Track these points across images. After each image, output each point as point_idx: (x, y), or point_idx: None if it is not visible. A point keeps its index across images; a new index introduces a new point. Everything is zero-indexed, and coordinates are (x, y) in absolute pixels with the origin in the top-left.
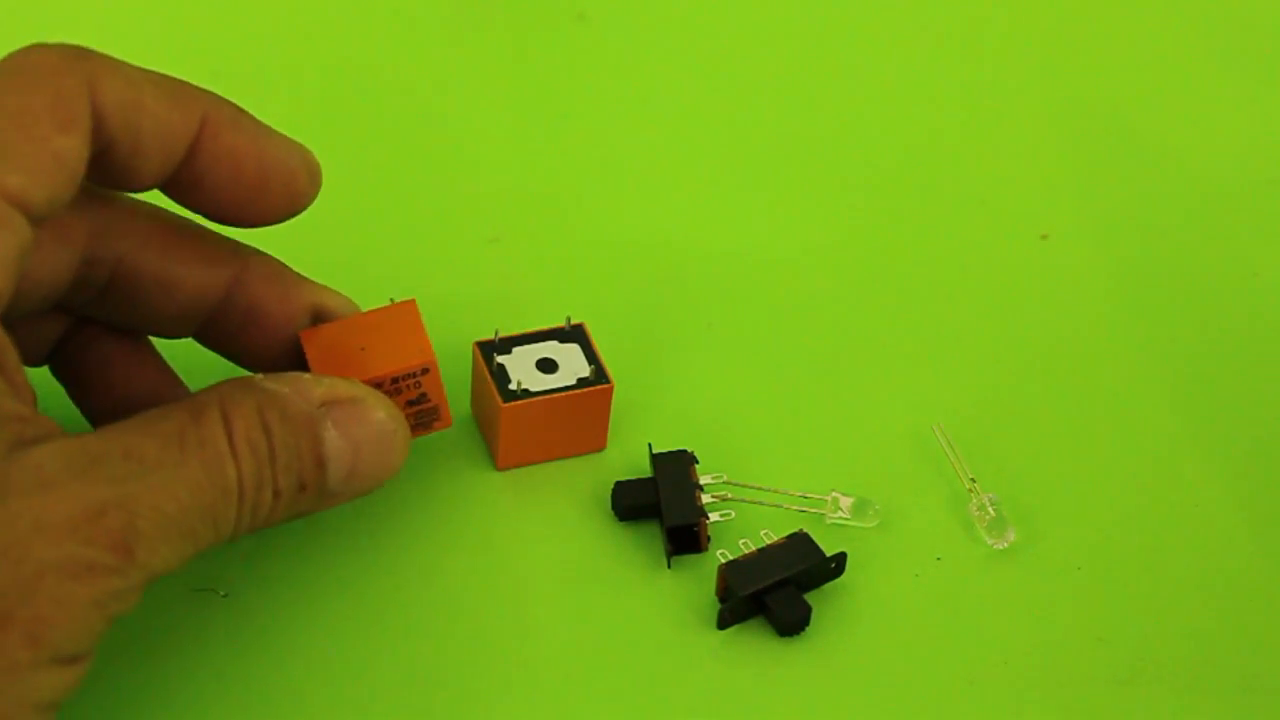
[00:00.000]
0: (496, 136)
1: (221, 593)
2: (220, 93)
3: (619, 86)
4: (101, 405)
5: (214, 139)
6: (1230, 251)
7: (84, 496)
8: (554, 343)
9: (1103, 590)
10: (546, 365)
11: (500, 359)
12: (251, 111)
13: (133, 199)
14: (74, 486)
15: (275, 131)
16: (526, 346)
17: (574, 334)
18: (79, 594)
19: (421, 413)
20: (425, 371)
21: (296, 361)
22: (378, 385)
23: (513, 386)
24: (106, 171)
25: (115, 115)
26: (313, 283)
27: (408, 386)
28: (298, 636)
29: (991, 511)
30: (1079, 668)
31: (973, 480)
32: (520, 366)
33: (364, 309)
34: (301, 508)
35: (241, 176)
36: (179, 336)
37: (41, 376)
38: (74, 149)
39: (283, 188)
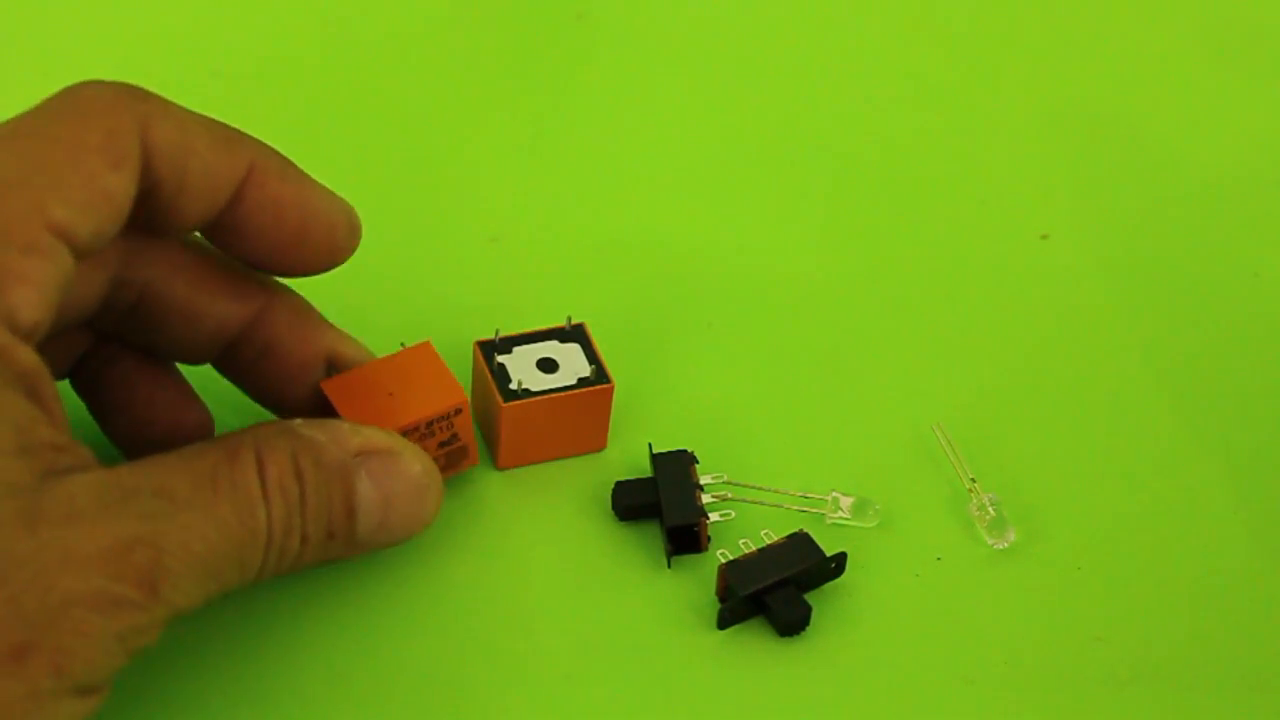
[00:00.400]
0: (496, 136)
1: None
2: (220, 91)
3: (619, 85)
4: (121, 421)
5: (259, 187)
6: (1230, 251)
7: (113, 531)
8: (554, 342)
9: (1103, 590)
10: (547, 365)
11: (501, 358)
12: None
13: None
14: (104, 520)
15: (319, 184)
16: (527, 346)
17: (574, 334)
18: (103, 627)
19: (452, 453)
20: (458, 412)
21: (310, 401)
22: (414, 429)
23: (513, 386)
24: (150, 211)
25: (164, 156)
26: (333, 327)
27: (440, 428)
28: (298, 636)
29: (991, 511)
30: (1079, 668)
31: (973, 480)
32: (521, 366)
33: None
34: (329, 555)
35: (283, 226)
36: (197, 363)
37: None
38: (122, 187)
39: (323, 240)
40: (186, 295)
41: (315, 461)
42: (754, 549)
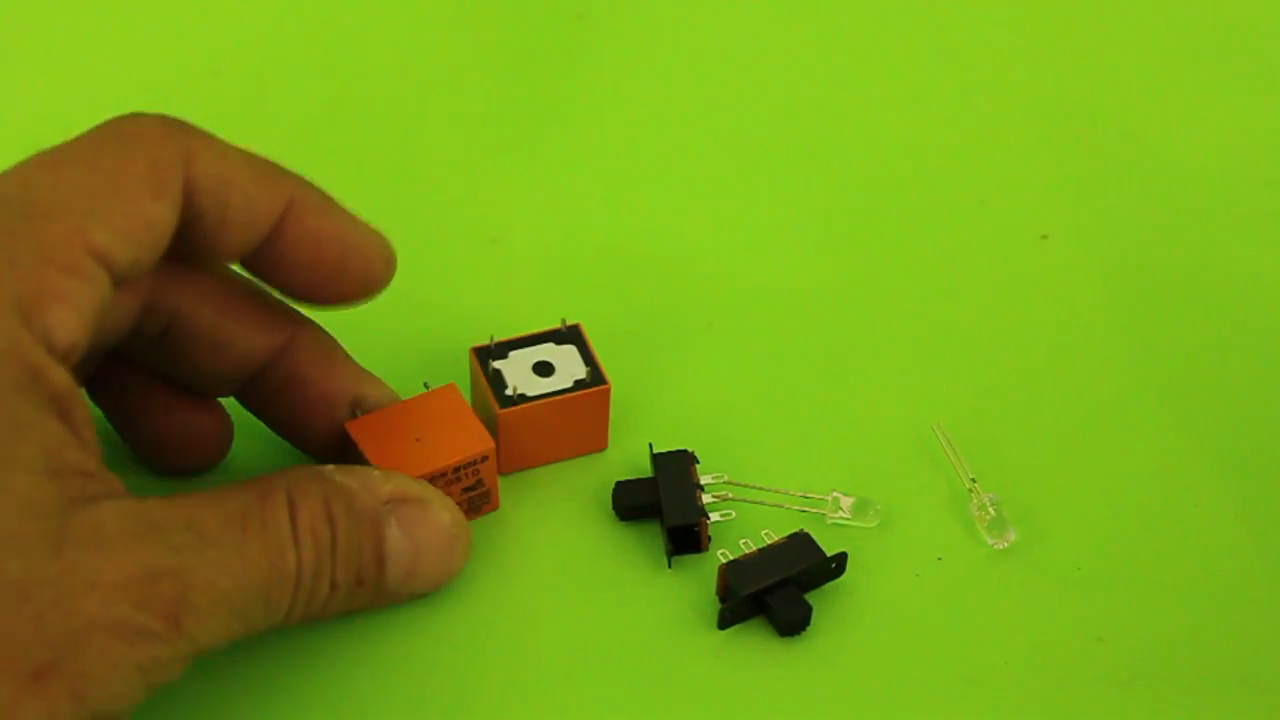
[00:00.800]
0: (496, 137)
1: None
2: (220, 91)
3: (619, 86)
4: (140, 425)
5: (299, 221)
6: (1230, 251)
7: (140, 560)
8: (550, 345)
9: (1103, 590)
10: (543, 369)
11: (496, 364)
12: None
13: None
14: (132, 549)
15: (358, 218)
16: (522, 350)
17: (570, 335)
18: (126, 656)
19: (474, 499)
20: (484, 459)
21: (331, 438)
22: (440, 475)
23: (509, 392)
24: (190, 243)
25: (206, 189)
26: (358, 366)
27: (466, 474)
28: (298, 637)
29: (992, 511)
30: (1079, 668)
31: (973, 480)
32: (517, 371)
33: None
34: (357, 603)
35: (322, 260)
36: (222, 394)
37: None
38: (164, 216)
39: (359, 274)
40: (214, 323)
41: (347, 507)
42: (754, 549)
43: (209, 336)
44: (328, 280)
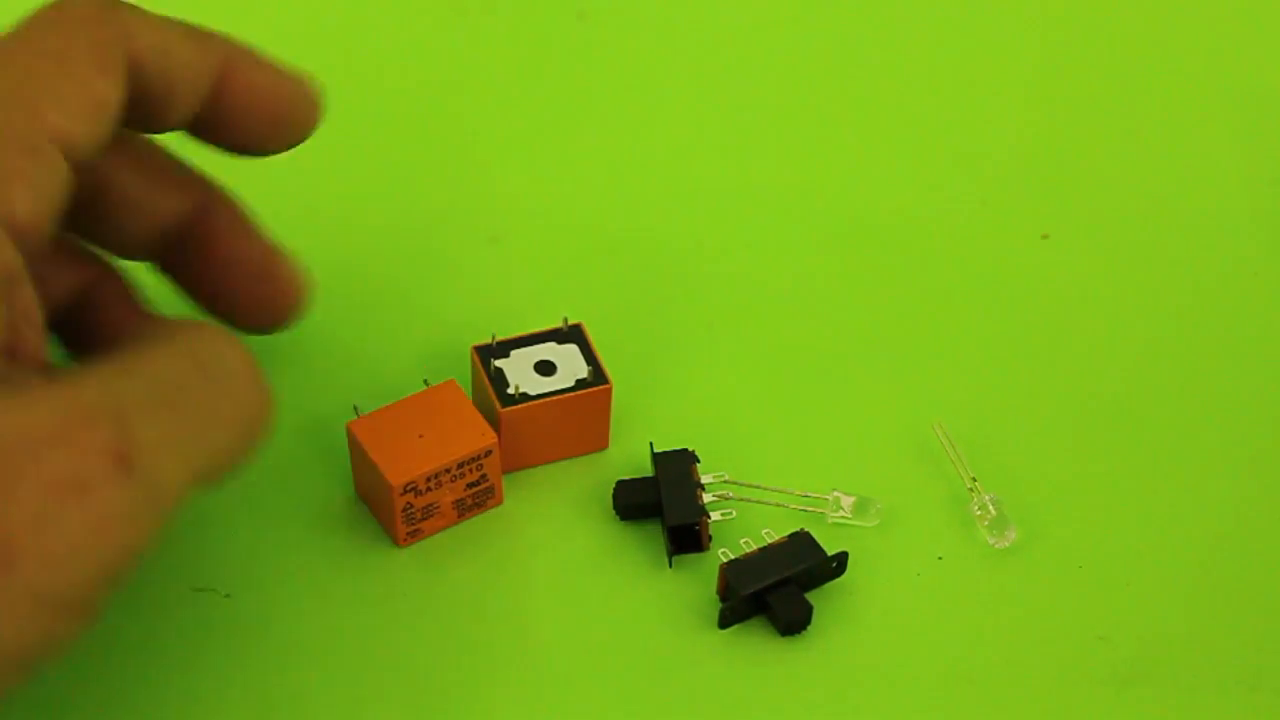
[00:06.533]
0: (496, 135)
1: (223, 593)
2: None
3: (619, 85)
4: (77, 343)
5: (234, 79)
6: (1230, 251)
7: (76, 405)
8: (552, 344)
9: (1103, 589)
10: (545, 368)
11: (498, 363)
12: None
13: None
14: (62, 401)
15: (282, 65)
16: (524, 349)
17: (572, 334)
18: (76, 520)
19: (479, 494)
20: (488, 454)
21: (248, 304)
22: (445, 471)
23: (511, 391)
24: (138, 115)
25: (149, 61)
26: (268, 234)
27: (470, 470)
28: (298, 636)
29: (992, 510)
30: (1079, 668)
31: (973, 479)
32: (518, 370)
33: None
34: None
35: (260, 111)
36: (136, 258)
37: None
38: (114, 93)
39: (295, 118)
40: (130, 183)
41: None
42: (755, 548)
43: (125, 196)
44: (267, 128)
